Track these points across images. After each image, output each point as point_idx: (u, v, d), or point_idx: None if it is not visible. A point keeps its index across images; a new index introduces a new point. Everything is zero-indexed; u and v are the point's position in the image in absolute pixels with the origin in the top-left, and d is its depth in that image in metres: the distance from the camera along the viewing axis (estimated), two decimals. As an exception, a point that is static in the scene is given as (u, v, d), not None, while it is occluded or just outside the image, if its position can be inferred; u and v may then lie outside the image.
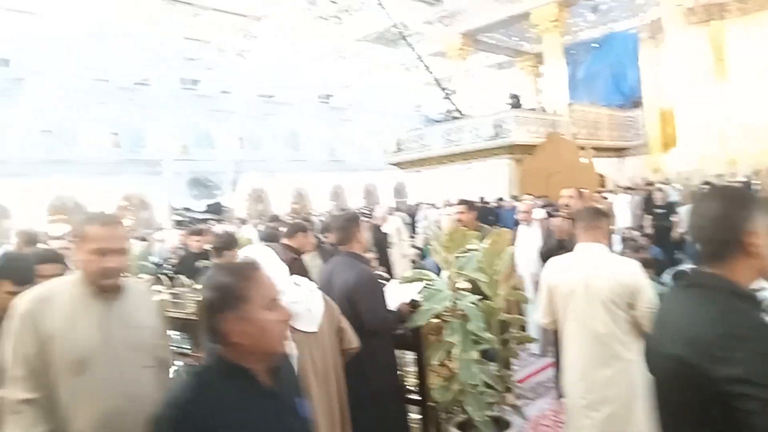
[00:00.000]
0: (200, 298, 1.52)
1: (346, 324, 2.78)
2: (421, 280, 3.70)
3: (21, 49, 17.24)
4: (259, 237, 5.56)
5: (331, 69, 23.49)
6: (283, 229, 4.65)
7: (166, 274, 7.02)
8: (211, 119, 26.22)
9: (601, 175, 15.64)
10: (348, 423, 2.73)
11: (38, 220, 21.13)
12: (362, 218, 3.69)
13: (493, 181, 14.82)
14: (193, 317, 5.22)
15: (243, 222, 12.28)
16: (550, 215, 5.70)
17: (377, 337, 3.07)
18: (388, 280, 4.06)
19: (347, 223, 3.38)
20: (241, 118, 26.89)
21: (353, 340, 2.78)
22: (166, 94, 22.60)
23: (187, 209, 25.18)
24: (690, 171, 14.55)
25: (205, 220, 18.23)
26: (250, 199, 29.86)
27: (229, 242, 4.05)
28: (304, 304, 2.50)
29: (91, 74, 19.75)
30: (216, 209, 24.91)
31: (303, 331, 2.47)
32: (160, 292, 5.51)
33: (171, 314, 5.35)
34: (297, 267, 3.63)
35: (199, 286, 5.46)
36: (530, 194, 10.05)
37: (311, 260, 4.55)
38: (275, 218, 9.02)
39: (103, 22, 14.38)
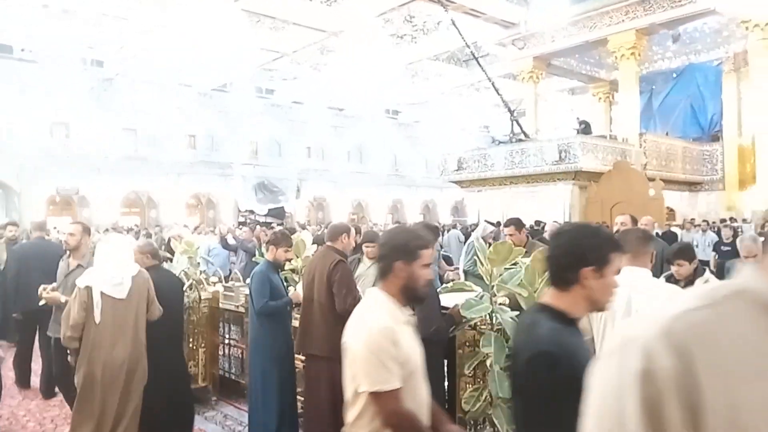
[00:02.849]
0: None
1: None
2: (462, 290, 3.74)
3: (114, 52, 18.50)
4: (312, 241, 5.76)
5: (402, 86, 23.82)
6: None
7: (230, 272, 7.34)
8: (282, 128, 27.09)
9: (671, 209, 15.01)
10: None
11: (113, 212, 22.49)
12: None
13: (554, 206, 14.52)
14: (242, 309, 5.48)
15: (303, 227, 12.61)
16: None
17: (429, 346, 3.10)
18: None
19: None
20: (310, 128, 27.64)
21: None
22: (242, 101, 23.59)
23: (252, 212, 26.03)
24: (766, 211, 13.75)
25: (267, 223, 18.78)
26: (312, 207, 30.58)
27: (281, 239, 4.22)
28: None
29: (174, 78, 20.91)
30: (279, 213, 25.61)
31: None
32: (214, 284, 5.81)
33: (224, 306, 5.65)
34: (342, 268, 3.73)
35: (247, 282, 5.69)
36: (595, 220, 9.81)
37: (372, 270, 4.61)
38: (327, 225, 9.25)
39: (188, 30, 15.25)
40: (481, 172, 17.38)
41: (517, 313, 3.35)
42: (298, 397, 4.39)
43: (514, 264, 3.60)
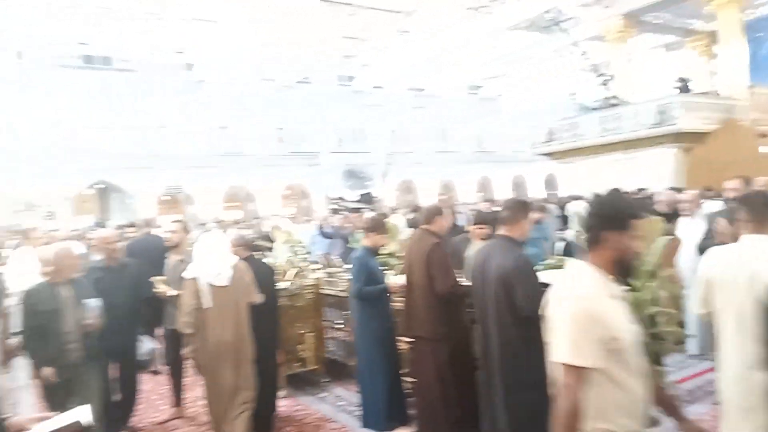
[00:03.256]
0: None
1: None
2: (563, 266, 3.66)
3: (203, 54, 19.48)
4: (407, 224, 5.82)
5: (481, 59, 23.27)
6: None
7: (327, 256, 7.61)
8: (365, 113, 27.39)
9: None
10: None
11: (214, 207, 23.85)
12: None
13: (656, 172, 13.70)
14: (344, 294, 5.68)
15: (393, 211, 12.76)
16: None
17: (534, 324, 3.08)
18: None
19: (517, 206, 3.40)
20: (392, 111, 27.73)
21: None
22: (324, 91, 24.09)
23: (342, 198, 26.58)
24: None
25: (358, 209, 19.14)
26: (400, 190, 30.75)
27: (377, 225, 4.32)
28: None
29: (259, 74, 21.70)
30: (368, 199, 25.99)
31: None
32: (316, 270, 6.05)
33: (325, 291, 5.88)
34: (437, 250, 3.77)
35: (348, 266, 5.88)
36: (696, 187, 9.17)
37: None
38: (416, 208, 9.24)
39: (268, 28, 15.76)
40: (571, 142, 16.73)
41: (626, 288, 3.23)
42: (406, 378, 4.51)
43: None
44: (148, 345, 4.93)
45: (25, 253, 5.27)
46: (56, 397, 3.76)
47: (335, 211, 22.59)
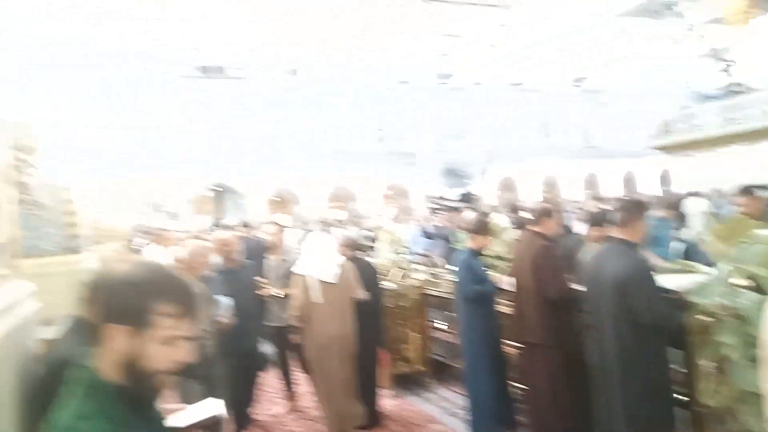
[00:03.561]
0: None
1: None
2: (690, 271, 3.43)
3: (304, 60, 20.21)
4: (511, 225, 5.70)
5: (586, 49, 22.20)
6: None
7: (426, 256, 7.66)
8: (464, 111, 27.13)
9: None
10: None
11: (319, 207, 24.71)
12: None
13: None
14: (449, 295, 5.67)
15: (494, 209, 12.54)
16: None
17: (656, 333, 2.93)
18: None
19: (632, 206, 3.23)
20: (491, 108, 27.25)
21: None
22: (423, 89, 24.14)
23: (441, 198, 26.49)
24: None
25: (457, 208, 19.00)
26: (500, 188, 30.13)
27: (481, 226, 4.27)
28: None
29: (359, 77, 22.19)
30: (467, 198, 25.72)
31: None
32: (419, 270, 6.10)
33: (429, 292, 5.91)
34: (546, 253, 3.66)
35: (452, 268, 5.86)
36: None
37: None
38: (516, 207, 8.99)
39: (367, 31, 16.06)
40: (689, 134, 15.57)
41: (762, 297, 2.97)
42: (513, 383, 4.44)
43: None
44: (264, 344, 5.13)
45: (155, 251, 5.73)
46: (189, 392, 3.82)
47: (434, 211, 22.61)
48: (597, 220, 4.17)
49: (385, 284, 5.65)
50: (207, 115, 22.24)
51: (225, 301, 3.98)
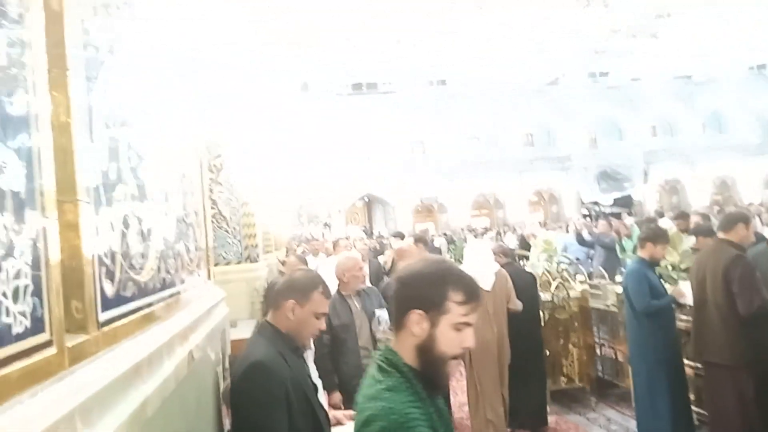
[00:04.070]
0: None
1: None
2: None
3: (453, 69, 20.37)
4: (691, 232, 5.17)
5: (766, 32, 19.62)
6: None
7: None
8: (621, 109, 25.42)
9: None
10: None
11: (464, 215, 24.66)
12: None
13: None
14: (613, 308, 5.30)
15: (659, 215, 11.52)
16: None
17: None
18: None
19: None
20: (653, 104, 25.19)
21: None
22: (575, 90, 23.06)
23: (595, 203, 25.12)
24: None
25: (613, 214, 17.85)
26: (663, 191, 27.67)
27: (658, 235, 3.94)
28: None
29: (507, 82, 21.80)
30: (625, 202, 24.06)
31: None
32: (581, 283, 5.79)
33: (592, 305, 5.57)
34: (742, 264, 3.26)
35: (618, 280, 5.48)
36: None
37: None
38: (682, 214, 8.11)
39: (516, 35, 15.72)
40: None
41: None
42: (693, 407, 4.02)
43: None
44: None
45: (321, 263, 6.07)
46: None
47: (588, 216, 21.43)
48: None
49: (542, 295, 5.45)
50: (359, 129, 23.35)
51: (385, 316, 3.67)
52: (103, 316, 1.14)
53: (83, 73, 1.15)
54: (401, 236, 7.00)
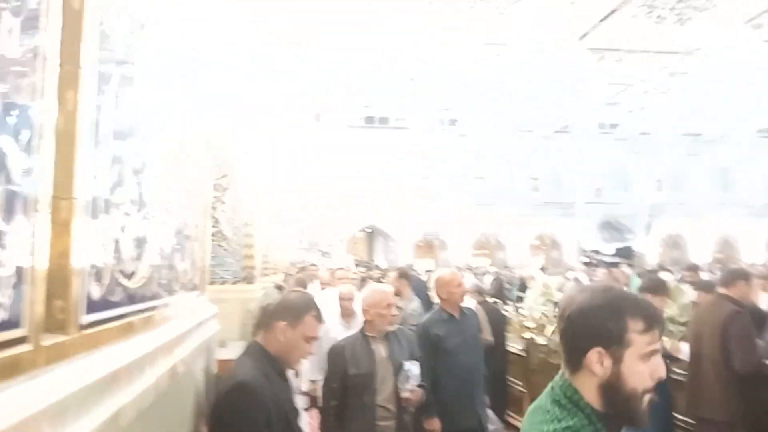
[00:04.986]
0: None
1: None
2: None
3: (465, 110, 20.59)
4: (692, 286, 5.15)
5: (778, 98, 19.84)
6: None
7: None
8: (628, 162, 25.60)
9: None
10: None
11: (464, 253, 24.60)
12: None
13: None
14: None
15: (661, 268, 11.47)
16: None
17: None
18: None
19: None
20: (661, 159, 25.36)
21: None
22: (584, 139, 23.26)
23: (596, 251, 25.03)
24: None
25: (613, 264, 17.77)
26: (665, 245, 27.60)
27: (658, 286, 3.91)
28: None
29: (517, 125, 22.01)
30: (626, 253, 23.97)
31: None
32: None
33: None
34: (741, 321, 3.23)
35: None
36: None
37: None
38: (692, 267, 8.07)
39: (528, 80, 15.92)
40: None
41: None
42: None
43: None
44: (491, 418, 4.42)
45: (325, 293, 6.02)
46: None
47: (588, 264, 21.32)
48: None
49: (537, 338, 5.40)
50: (366, 162, 23.53)
51: (415, 370, 3.06)
52: (86, 319, 1.12)
53: (96, 71, 1.15)
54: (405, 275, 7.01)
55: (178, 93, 1.96)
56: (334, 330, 4.42)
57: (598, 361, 1.20)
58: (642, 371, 1.19)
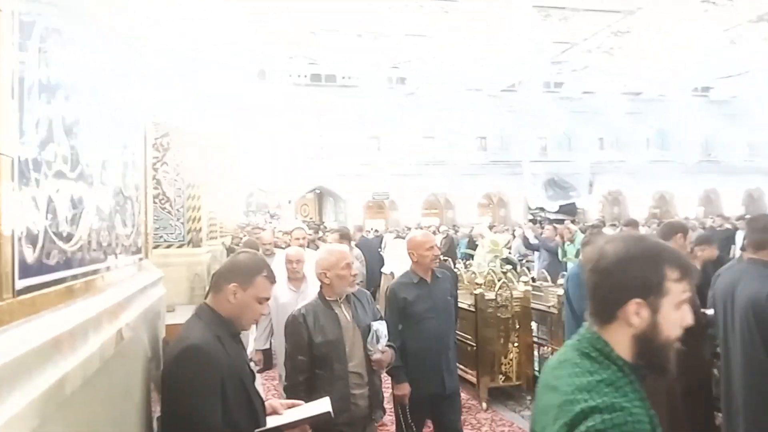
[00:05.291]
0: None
1: None
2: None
3: (414, 69, 20.43)
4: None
5: (714, 57, 20.57)
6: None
7: (528, 269, 7.44)
8: (572, 121, 26.17)
9: None
10: None
11: (415, 214, 24.83)
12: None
13: None
14: (553, 309, 5.45)
15: (603, 224, 11.93)
16: None
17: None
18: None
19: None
20: (603, 118, 26.05)
21: None
22: (530, 98, 23.56)
23: (542, 209, 25.74)
24: None
25: (558, 221, 18.36)
26: (606, 202, 28.72)
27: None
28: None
29: (465, 85, 22.04)
30: (570, 210, 24.78)
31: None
32: (524, 284, 5.91)
33: (533, 306, 5.70)
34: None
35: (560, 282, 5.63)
36: None
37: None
38: (632, 222, 8.45)
39: (476, 39, 15.90)
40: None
41: None
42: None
43: None
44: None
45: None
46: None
47: (534, 222, 21.97)
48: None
49: (486, 294, 5.54)
50: (315, 121, 23.12)
51: (383, 330, 2.92)
52: (21, 283, 1.06)
53: (17, 25, 1.05)
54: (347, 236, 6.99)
55: (114, 48, 1.84)
56: (283, 296, 4.15)
57: (635, 312, 1.18)
58: (675, 320, 1.20)
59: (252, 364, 3.12)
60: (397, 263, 5.04)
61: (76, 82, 1.43)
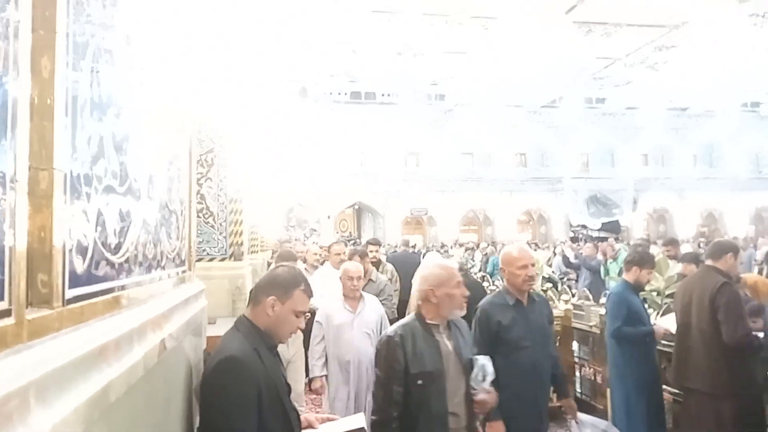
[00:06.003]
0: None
1: None
2: None
3: (454, 85, 20.48)
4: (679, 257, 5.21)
5: (763, 71, 19.90)
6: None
7: (569, 287, 7.28)
8: (615, 137, 25.68)
9: None
10: None
11: (453, 230, 24.69)
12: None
13: None
14: (595, 329, 5.30)
15: (648, 242, 11.59)
16: None
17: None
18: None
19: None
20: (647, 134, 25.46)
21: None
22: (571, 114, 23.25)
23: (584, 226, 25.25)
24: None
25: (601, 238, 17.95)
26: (651, 219, 27.92)
27: (645, 259, 3.94)
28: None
29: (506, 101, 21.94)
30: (614, 228, 24.22)
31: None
32: (565, 302, 5.78)
33: (574, 325, 5.57)
34: (729, 292, 3.27)
35: (601, 302, 5.49)
36: None
37: None
38: (672, 242, 8.17)
39: (520, 52, 15.83)
40: None
41: None
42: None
43: None
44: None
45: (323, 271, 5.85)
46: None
47: (575, 239, 21.55)
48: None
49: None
50: (355, 137, 23.37)
51: (489, 367, 2.46)
52: (71, 293, 1.09)
53: (73, 38, 1.11)
54: (376, 242, 6.94)
55: (162, 65, 1.91)
56: (338, 316, 3.67)
57: None
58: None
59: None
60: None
61: (126, 100, 1.48)
